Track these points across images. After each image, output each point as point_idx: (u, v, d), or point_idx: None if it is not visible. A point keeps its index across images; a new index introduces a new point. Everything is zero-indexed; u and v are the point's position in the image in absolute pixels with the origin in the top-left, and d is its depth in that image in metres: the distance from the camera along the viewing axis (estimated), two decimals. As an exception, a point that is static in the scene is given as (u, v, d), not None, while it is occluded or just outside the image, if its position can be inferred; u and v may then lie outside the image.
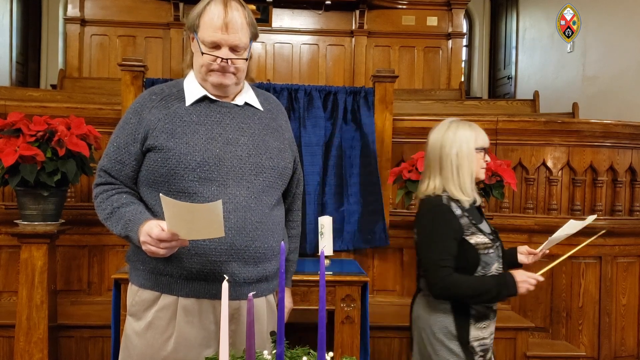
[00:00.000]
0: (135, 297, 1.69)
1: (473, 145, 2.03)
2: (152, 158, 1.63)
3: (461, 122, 2.09)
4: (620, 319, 3.53)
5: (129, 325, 1.69)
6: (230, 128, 1.68)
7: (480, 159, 2.06)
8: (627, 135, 3.56)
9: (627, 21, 5.29)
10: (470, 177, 2.04)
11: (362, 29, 6.77)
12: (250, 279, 1.67)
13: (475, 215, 2.05)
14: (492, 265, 2.02)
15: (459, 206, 2.01)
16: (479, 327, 2.04)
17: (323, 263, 1.18)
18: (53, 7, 7.93)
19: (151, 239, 1.51)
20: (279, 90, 3.23)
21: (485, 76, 8.73)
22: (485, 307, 2.05)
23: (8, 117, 2.67)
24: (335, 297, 2.59)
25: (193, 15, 1.66)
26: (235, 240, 1.61)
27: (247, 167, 1.66)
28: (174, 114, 1.66)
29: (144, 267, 1.66)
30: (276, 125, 1.79)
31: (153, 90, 1.74)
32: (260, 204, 1.67)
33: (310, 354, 1.30)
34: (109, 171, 1.68)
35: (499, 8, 8.45)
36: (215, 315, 1.65)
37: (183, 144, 1.61)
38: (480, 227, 2.03)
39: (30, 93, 5.33)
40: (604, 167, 3.54)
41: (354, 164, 3.29)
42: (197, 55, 1.67)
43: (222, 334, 1.12)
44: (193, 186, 1.60)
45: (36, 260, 2.75)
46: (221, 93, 1.70)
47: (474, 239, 1.99)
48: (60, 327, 2.98)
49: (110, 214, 1.64)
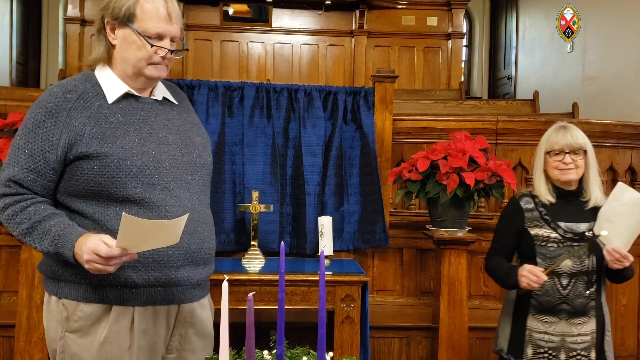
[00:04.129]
0: (75, 312, 1.54)
1: (543, 149, 2.19)
2: (85, 167, 1.49)
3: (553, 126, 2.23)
4: (620, 319, 3.53)
5: (74, 342, 1.54)
6: (157, 126, 1.60)
7: (554, 161, 2.15)
8: (627, 135, 3.56)
9: (627, 21, 5.29)
10: (543, 178, 2.19)
11: (362, 29, 6.77)
12: (200, 280, 1.65)
13: (556, 212, 2.14)
14: (557, 259, 2.08)
15: (534, 201, 2.18)
16: (539, 319, 2.13)
17: (323, 263, 1.18)
18: (53, 7, 7.93)
19: (99, 258, 1.39)
20: (279, 90, 3.23)
21: (485, 76, 8.73)
22: (550, 303, 2.10)
23: (8, 117, 2.67)
24: (335, 297, 2.59)
25: (125, 5, 1.53)
26: (190, 244, 1.58)
27: (183, 167, 1.61)
28: (97, 114, 1.52)
29: (86, 280, 1.51)
30: (192, 119, 1.74)
31: (65, 87, 1.55)
32: (201, 204, 1.64)
33: (310, 354, 1.30)
34: (20, 181, 1.49)
35: (499, 8, 8.45)
36: (167, 321, 1.62)
37: (119, 148, 1.50)
38: (558, 223, 2.13)
39: (30, 93, 5.32)
40: (603, 167, 3.53)
41: (354, 164, 3.28)
42: (131, 47, 1.54)
43: (222, 334, 1.12)
44: (138, 193, 1.51)
45: (36, 260, 2.74)
46: (148, 87, 1.62)
47: (535, 231, 2.15)
48: (60, 327, 2.98)
49: (29, 229, 1.47)
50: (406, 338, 3.18)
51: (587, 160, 2.15)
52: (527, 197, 2.22)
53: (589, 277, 2.10)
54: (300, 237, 3.17)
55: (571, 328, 2.10)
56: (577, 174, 2.14)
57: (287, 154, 3.21)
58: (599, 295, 2.14)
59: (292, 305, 2.59)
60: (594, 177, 2.16)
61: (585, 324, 2.10)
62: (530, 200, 2.20)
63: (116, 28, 1.56)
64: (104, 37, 1.58)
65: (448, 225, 2.78)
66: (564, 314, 2.10)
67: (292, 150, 3.21)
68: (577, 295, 2.09)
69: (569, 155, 2.12)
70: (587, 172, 2.15)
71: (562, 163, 2.12)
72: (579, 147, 2.13)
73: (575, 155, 2.13)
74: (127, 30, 1.54)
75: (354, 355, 2.59)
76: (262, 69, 6.76)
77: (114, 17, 1.54)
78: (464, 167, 2.73)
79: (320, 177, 3.21)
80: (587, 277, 2.09)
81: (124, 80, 1.58)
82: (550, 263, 2.10)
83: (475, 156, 2.75)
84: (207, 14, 6.73)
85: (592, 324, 2.11)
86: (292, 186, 3.21)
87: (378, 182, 3.23)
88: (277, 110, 3.21)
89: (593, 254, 2.09)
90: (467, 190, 2.70)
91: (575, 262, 2.08)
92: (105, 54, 1.59)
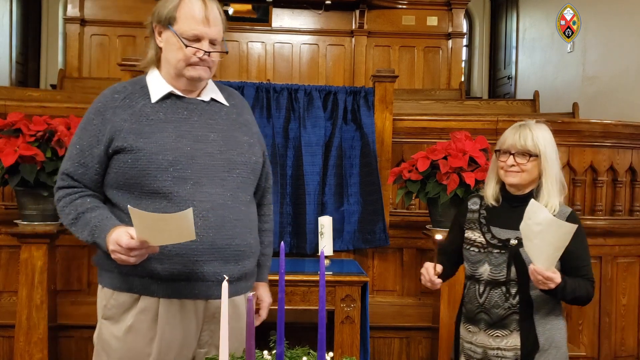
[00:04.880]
0: (110, 300, 1.64)
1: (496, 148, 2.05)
2: (121, 160, 1.58)
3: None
4: (620, 319, 3.53)
5: (106, 329, 1.65)
6: (198, 125, 1.65)
7: (499, 160, 1.99)
8: (627, 135, 3.56)
9: (627, 21, 5.29)
10: (494, 179, 2.05)
11: (362, 29, 6.77)
12: (231, 277, 1.64)
13: (496, 216, 2.00)
14: (480, 265, 1.96)
15: (481, 202, 2.07)
16: (466, 328, 2.03)
17: (323, 263, 1.18)
18: (53, 7, 7.93)
19: (121, 248, 1.47)
20: (279, 90, 3.23)
21: (485, 76, 8.72)
22: (474, 312, 1.98)
23: (8, 117, 2.67)
24: (335, 297, 2.60)
25: (167, 8, 1.62)
26: (215, 239, 1.60)
27: (219, 164, 1.64)
28: (139, 112, 1.62)
29: (119, 270, 1.60)
30: (243, 120, 1.77)
31: (115, 88, 1.69)
32: (236, 201, 1.66)
33: (310, 354, 1.30)
34: (72, 174, 1.63)
35: (499, 8, 8.45)
36: (196, 315, 1.64)
37: (152, 143, 1.58)
38: (490, 228, 1.98)
39: (30, 93, 5.33)
40: (604, 167, 3.54)
41: (354, 164, 3.29)
42: (172, 49, 1.62)
43: (222, 334, 1.12)
44: (167, 186, 1.57)
45: (36, 260, 2.74)
46: (193, 88, 1.68)
47: (468, 233, 2.04)
48: (60, 327, 2.98)
49: (74, 219, 1.60)
50: (406, 338, 3.18)
51: (540, 165, 1.92)
52: (477, 197, 2.10)
53: (507, 288, 1.91)
54: (300, 237, 3.17)
55: (489, 340, 1.94)
56: (521, 178, 1.93)
57: (287, 153, 3.21)
58: (527, 309, 1.90)
59: (292, 305, 2.59)
60: (550, 185, 1.93)
61: (505, 337, 1.92)
62: (478, 201, 2.08)
63: (162, 32, 1.65)
64: (153, 40, 1.69)
65: (448, 226, 2.78)
66: (483, 324, 1.96)
67: (292, 150, 3.22)
68: (493, 305, 1.93)
69: (513, 157, 1.93)
70: (542, 179, 1.93)
71: (506, 164, 1.95)
72: (525, 150, 1.91)
73: (522, 158, 1.92)
74: (169, 32, 1.62)
75: (354, 355, 2.59)
76: (262, 68, 6.76)
77: (159, 20, 1.64)
78: (464, 167, 2.73)
79: (320, 177, 3.21)
80: (505, 288, 1.91)
81: (169, 82, 1.66)
82: (473, 268, 1.99)
83: (475, 156, 2.75)
84: (207, 13, 6.72)
85: (514, 339, 1.91)
86: (292, 186, 3.21)
87: (378, 182, 3.23)
88: (277, 110, 3.21)
89: (514, 264, 1.90)
90: (468, 190, 2.70)
91: (494, 269, 1.93)
92: (154, 56, 1.69)
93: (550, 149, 1.94)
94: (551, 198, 1.93)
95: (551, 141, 1.96)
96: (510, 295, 1.91)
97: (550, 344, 1.91)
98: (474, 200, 2.10)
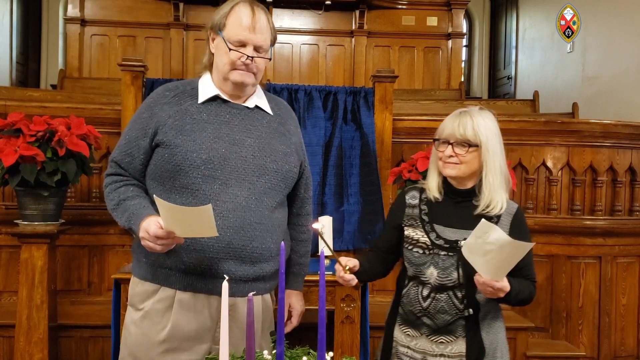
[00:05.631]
0: (136, 288, 1.75)
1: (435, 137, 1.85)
2: (160, 153, 1.67)
3: None
4: (620, 319, 3.53)
5: (129, 314, 1.76)
6: (237, 129, 1.72)
7: (438, 150, 1.83)
8: (627, 135, 3.57)
9: (627, 21, 5.29)
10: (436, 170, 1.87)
11: (362, 29, 6.77)
12: (246, 277, 1.70)
13: (439, 213, 1.82)
14: (425, 268, 1.79)
15: (420, 197, 1.87)
16: (403, 331, 1.88)
17: (323, 263, 1.18)
18: (53, 7, 7.93)
19: (148, 236, 1.56)
20: (279, 90, 3.24)
21: (485, 76, 8.73)
22: (413, 314, 1.84)
23: (8, 117, 2.67)
24: (335, 297, 2.60)
25: (219, 15, 1.72)
26: (233, 239, 1.65)
27: (250, 168, 1.69)
28: (184, 111, 1.70)
29: (146, 259, 1.71)
30: (284, 129, 1.82)
31: (168, 86, 1.79)
32: (260, 205, 1.70)
33: (310, 354, 1.31)
34: (119, 163, 1.74)
35: (499, 8, 8.45)
36: (211, 311, 1.69)
37: (190, 141, 1.65)
38: (434, 226, 1.81)
39: (30, 93, 5.33)
40: (603, 167, 3.54)
41: (354, 164, 3.29)
42: (220, 53, 1.71)
43: (222, 334, 1.12)
44: (196, 183, 1.64)
45: (36, 260, 2.75)
46: (239, 93, 1.74)
47: (409, 231, 1.85)
48: (60, 327, 2.99)
49: (117, 205, 1.70)
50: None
51: (481, 156, 1.76)
52: (415, 191, 1.90)
53: (454, 292, 1.76)
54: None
55: (432, 346, 1.80)
56: (459, 170, 1.78)
57: (287, 154, 3.21)
58: (473, 315, 1.78)
59: (292, 305, 2.59)
60: (492, 178, 1.77)
61: (450, 344, 1.79)
62: (417, 195, 1.88)
63: (214, 38, 1.74)
64: (208, 46, 1.78)
65: (448, 225, 2.78)
66: (426, 329, 1.81)
67: (292, 150, 3.22)
68: (439, 310, 1.77)
69: (452, 147, 1.77)
70: (484, 172, 1.77)
71: (444, 154, 1.79)
72: (464, 140, 1.75)
73: (461, 148, 1.76)
74: (219, 38, 1.71)
75: (354, 355, 2.59)
76: (262, 68, 6.76)
77: (212, 27, 1.75)
78: (464, 167, 2.72)
79: (320, 177, 3.22)
80: (452, 292, 1.76)
81: (217, 85, 1.75)
82: (417, 270, 1.81)
83: (475, 156, 2.75)
84: (207, 14, 6.72)
85: (459, 346, 1.78)
86: (292, 186, 3.21)
87: (378, 182, 3.23)
88: (277, 110, 3.21)
89: (463, 267, 1.73)
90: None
91: (441, 273, 1.76)
92: (208, 61, 1.79)
93: (493, 138, 1.77)
94: (495, 193, 1.77)
95: (494, 130, 1.79)
96: (457, 299, 1.77)
97: (495, 347, 1.81)
98: (412, 194, 1.90)
